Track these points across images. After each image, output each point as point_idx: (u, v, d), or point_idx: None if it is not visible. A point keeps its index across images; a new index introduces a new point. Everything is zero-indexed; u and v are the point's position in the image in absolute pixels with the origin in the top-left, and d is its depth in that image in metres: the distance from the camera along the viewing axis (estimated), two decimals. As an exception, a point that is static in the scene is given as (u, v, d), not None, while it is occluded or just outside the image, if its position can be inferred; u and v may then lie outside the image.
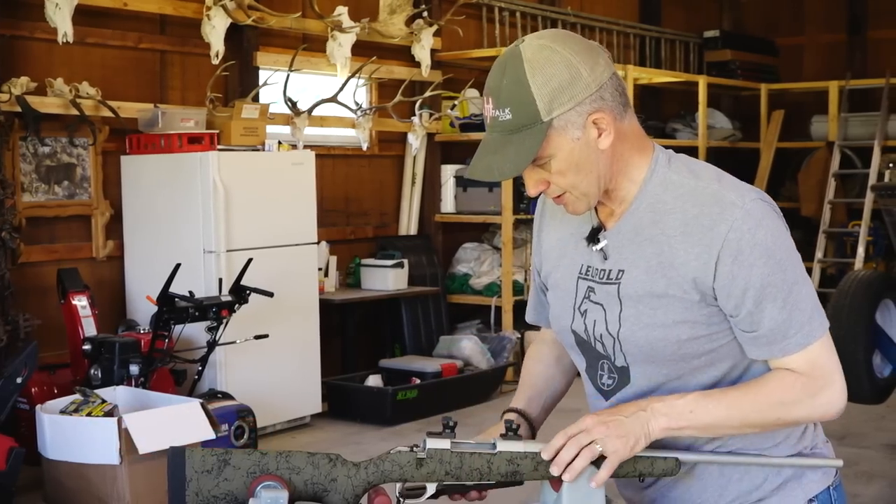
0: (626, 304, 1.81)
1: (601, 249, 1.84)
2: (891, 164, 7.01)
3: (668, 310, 1.78)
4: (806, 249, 10.15)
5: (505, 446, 1.68)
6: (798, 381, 1.77)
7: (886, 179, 6.80)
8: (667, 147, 1.87)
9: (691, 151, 10.13)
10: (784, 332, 1.75)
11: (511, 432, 1.71)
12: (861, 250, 9.48)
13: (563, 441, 1.71)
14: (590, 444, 1.69)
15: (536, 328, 2.16)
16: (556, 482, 1.68)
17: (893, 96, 9.96)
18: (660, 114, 10.49)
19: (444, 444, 1.66)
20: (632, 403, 1.78)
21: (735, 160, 10.95)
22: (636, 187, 1.82)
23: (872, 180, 9.17)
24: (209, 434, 4.74)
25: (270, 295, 5.70)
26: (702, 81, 10.14)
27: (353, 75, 7.04)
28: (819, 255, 9.88)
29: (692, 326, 1.78)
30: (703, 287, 1.75)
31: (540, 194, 1.84)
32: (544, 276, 2.01)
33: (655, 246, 1.79)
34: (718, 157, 10.49)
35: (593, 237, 1.86)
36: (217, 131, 6.11)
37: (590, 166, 1.75)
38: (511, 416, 1.95)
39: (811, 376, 1.77)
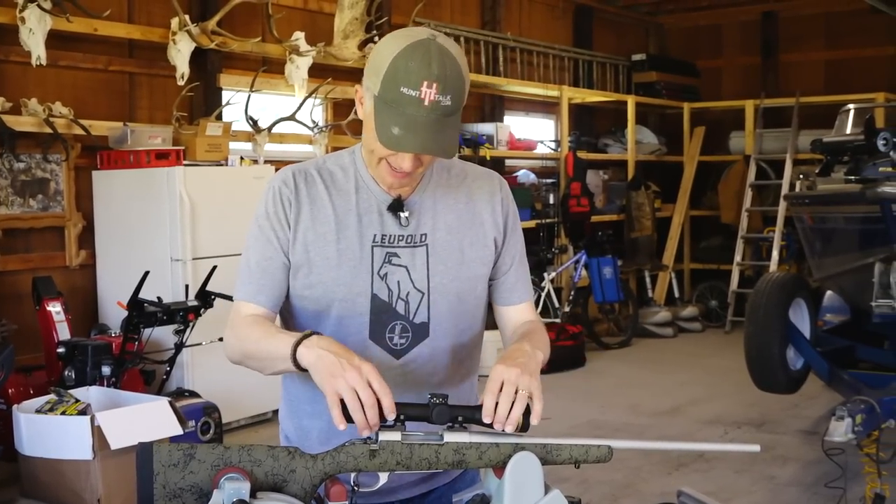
0: (434, 262, 1.91)
1: (406, 217, 1.91)
2: (801, 176, 7.12)
3: (471, 265, 1.95)
4: (726, 253, 10.31)
5: (452, 437, 1.66)
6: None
7: (797, 189, 6.89)
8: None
9: (622, 164, 10.24)
10: (525, 283, 2.04)
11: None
12: (775, 254, 9.63)
13: (493, 400, 1.66)
14: (517, 392, 1.66)
15: None
16: (500, 469, 1.67)
17: (803, 114, 10.13)
18: (593, 130, 10.56)
19: (395, 436, 1.65)
20: (514, 349, 1.79)
21: (661, 172, 11.08)
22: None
23: (785, 190, 9.32)
24: (177, 430, 4.68)
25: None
26: (630, 101, 10.24)
27: (309, 95, 7.01)
28: (738, 258, 10.03)
29: (484, 279, 1.98)
30: (497, 245, 1.98)
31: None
32: (300, 256, 1.94)
33: (452, 213, 1.95)
34: (646, 169, 10.59)
35: (398, 208, 1.91)
36: (183, 148, 6.06)
37: None
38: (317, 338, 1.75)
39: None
